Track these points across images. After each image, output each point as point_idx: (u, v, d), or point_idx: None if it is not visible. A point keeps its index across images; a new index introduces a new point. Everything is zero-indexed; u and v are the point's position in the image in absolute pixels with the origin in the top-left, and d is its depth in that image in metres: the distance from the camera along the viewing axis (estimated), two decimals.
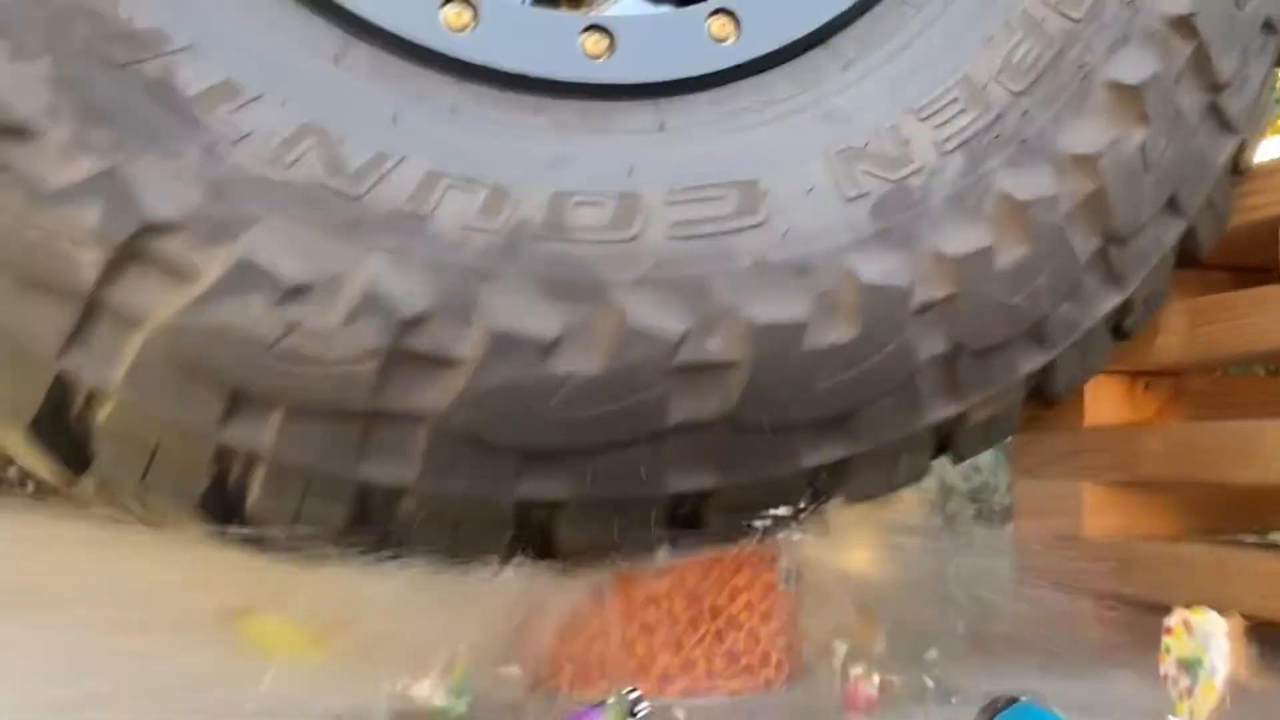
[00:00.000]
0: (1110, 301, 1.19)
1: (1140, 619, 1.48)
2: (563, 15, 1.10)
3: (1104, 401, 1.52)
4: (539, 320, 0.97)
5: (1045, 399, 1.23)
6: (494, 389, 0.96)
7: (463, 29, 1.05)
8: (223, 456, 0.97)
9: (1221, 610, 1.30)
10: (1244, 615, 1.27)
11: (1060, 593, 1.46)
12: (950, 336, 1.08)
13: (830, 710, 1.24)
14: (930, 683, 1.35)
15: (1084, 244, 1.14)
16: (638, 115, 1.07)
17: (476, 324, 0.95)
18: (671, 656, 1.25)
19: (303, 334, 0.93)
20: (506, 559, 1.06)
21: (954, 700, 1.21)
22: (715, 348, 1.00)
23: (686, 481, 1.04)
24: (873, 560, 1.30)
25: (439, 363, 0.95)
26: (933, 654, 1.32)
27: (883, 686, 1.26)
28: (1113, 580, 1.45)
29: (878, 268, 1.04)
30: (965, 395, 1.12)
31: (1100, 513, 1.50)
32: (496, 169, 1.00)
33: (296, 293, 0.93)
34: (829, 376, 1.04)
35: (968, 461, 4.87)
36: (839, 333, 1.03)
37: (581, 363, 0.97)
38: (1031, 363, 1.16)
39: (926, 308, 1.06)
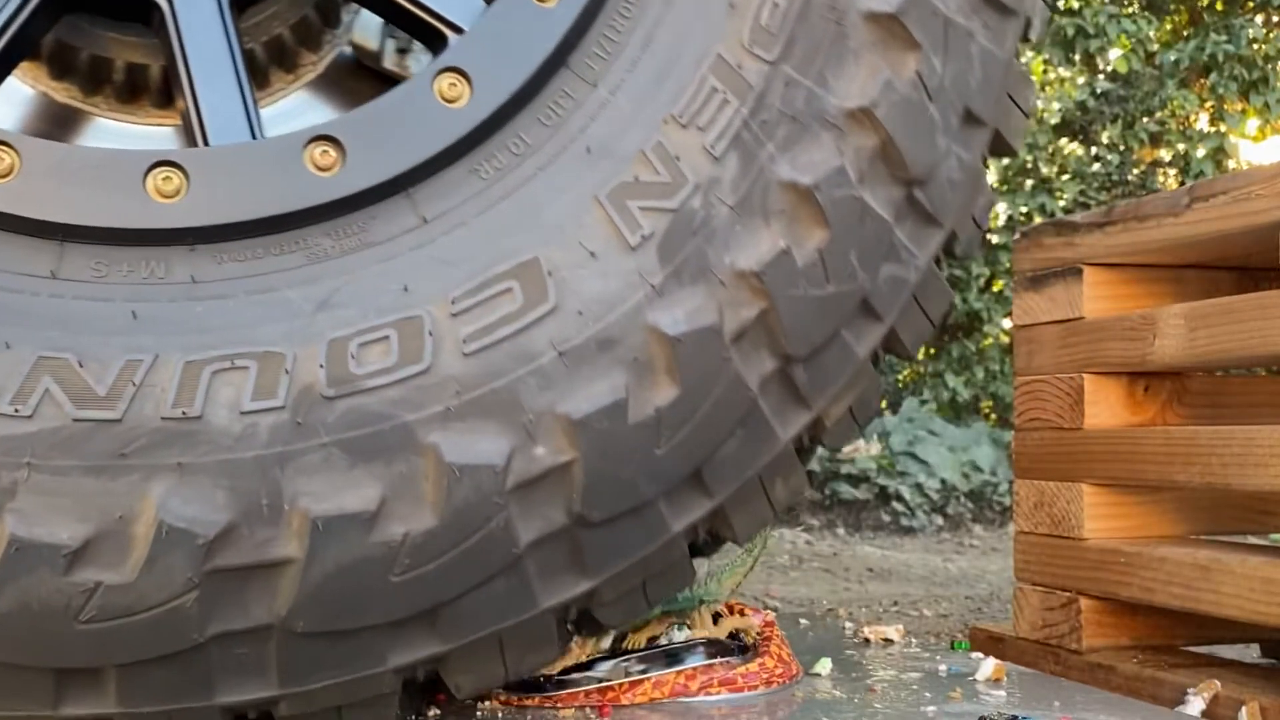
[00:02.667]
0: (934, 242, 1.13)
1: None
2: (281, 139, 1.02)
3: (1104, 404, 1.53)
4: (357, 492, 0.93)
5: (900, 357, 1.20)
6: (331, 576, 0.93)
7: (175, 194, 0.97)
8: None
9: (1220, 614, 1.31)
10: (1241, 619, 1.28)
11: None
12: (777, 351, 1.04)
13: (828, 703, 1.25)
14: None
15: (886, 200, 1.08)
16: (395, 216, 1.01)
17: (291, 517, 0.92)
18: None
19: (106, 594, 0.89)
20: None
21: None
22: (544, 455, 0.97)
23: (564, 591, 1.02)
24: None
25: (264, 568, 0.92)
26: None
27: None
28: (1112, 581, 1.45)
29: (681, 312, 1.00)
30: (814, 400, 1.09)
31: (1100, 514, 1.51)
32: (260, 333, 0.95)
33: (83, 553, 0.89)
34: (669, 439, 1.01)
35: (968, 462, 4.87)
36: (662, 394, 1.00)
37: (413, 520, 0.94)
38: (871, 339, 1.11)
39: (743, 332, 1.02)
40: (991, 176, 7.41)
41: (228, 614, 0.92)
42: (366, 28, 1.15)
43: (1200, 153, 7.10)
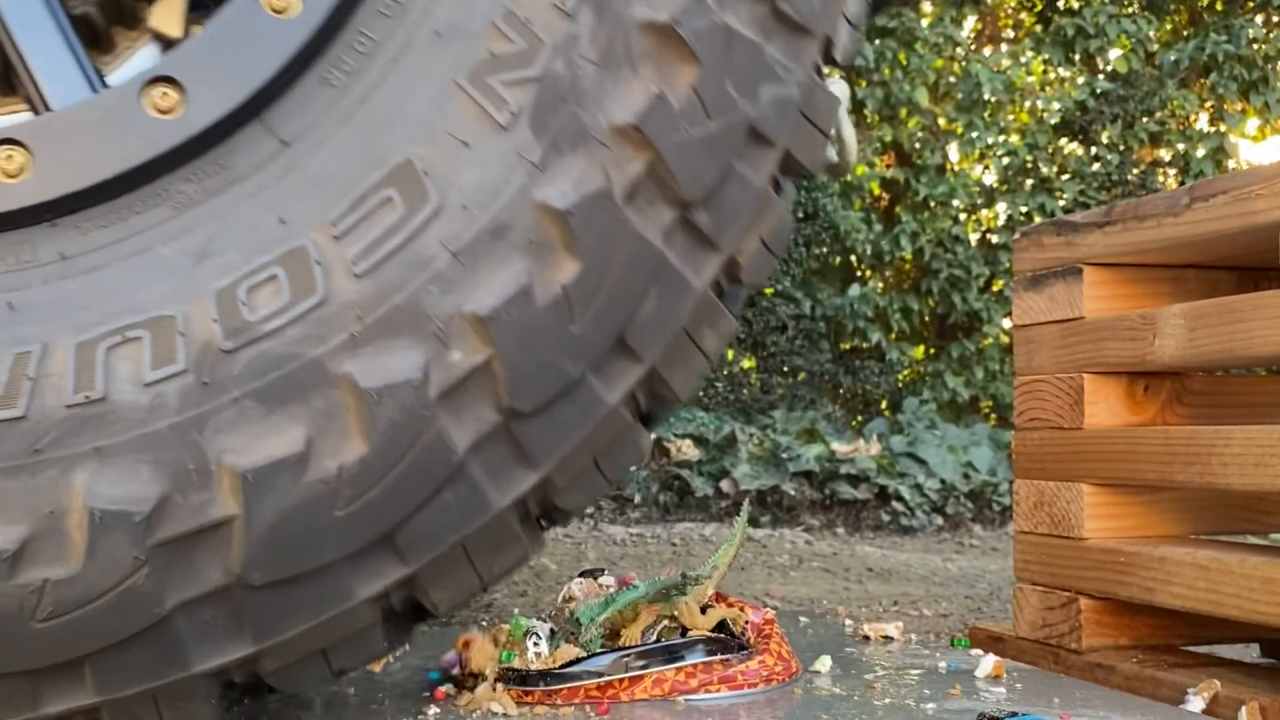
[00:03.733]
0: (809, 52, 1.08)
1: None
2: (116, 91, 0.99)
3: (1104, 403, 1.53)
4: (280, 437, 0.92)
5: (801, 176, 1.16)
6: (276, 524, 0.92)
7: (20, 172, 0.95)
8: None
9: (1220, 614, 1.31)
10: (1241, 619, 1.28)
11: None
12: (673, 200, 1.01)
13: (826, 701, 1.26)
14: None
15: (750, 19, 1.03)
16: (253, 145, 0.98)
17: (221, 476, 0.91)
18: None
19: (56, 589, 0.89)
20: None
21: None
22: (460, 359, 0.95)
23: (515, 486, 1.01)
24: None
25: (207, 531, 0.91)
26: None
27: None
28: (1112, 581, 1.46)
29: (567, 183, 0.97)
30: (722, 241, 1.05)
31: (1100, 514, 1.51)
32: (144, 299, 0.93)
33: (22, 554, 0.88)
34: (583, 313, 0.98)
35: (967, 462, 4.88)
36: (565, 271, 0.97)
37: (344, 452, 0.93)
38: (767, 166, 1.07)
39: (634, 189, 0.99)
40: (991, 177, 7.42)
41: (183, 583, 0.92)
42: (168, 14, 1.11)
43: (1200, 153, 7.12)
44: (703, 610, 1.40)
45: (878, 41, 7.00)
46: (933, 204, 7.10)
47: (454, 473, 0.97)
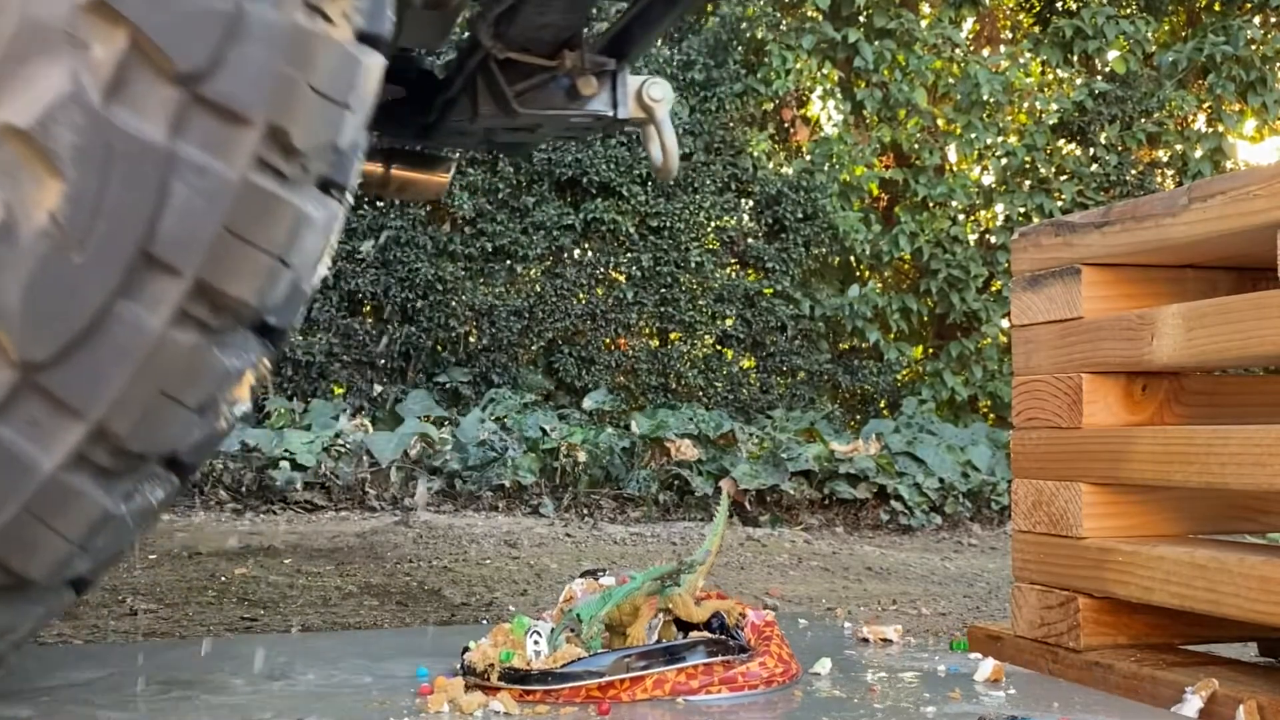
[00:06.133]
0: None
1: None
2: None
3: (1102, 403, 1.53)
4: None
5: None
6: (24, 299, 0.89)
7: None
8: None
9: (1218, 613, 1.31)
10: (1239, 618, 1.28)
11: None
12: None
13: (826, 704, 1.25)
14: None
15: None
16: None
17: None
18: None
19: None
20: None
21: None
22: (102, 50, 0.88)
23: (241, 150, 0.93)
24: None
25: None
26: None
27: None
28: (1110, 580, 1.46)
29: None
30: None
31: (1098, 513, 1.51)
32: None
33: None
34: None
35: (966, 461, 4.88)
36: None
37: (47, 199, 0.88)
38: None
39: None
40: (989, 177, 7.42)
41: (52, 426, 0.90)
42: None
43: (1198, 153, 7.13)
44: (697, 603, 1.40)
45: (877, 43, 6.99)
46: (931, 204, 7.10)
47: (167, 162, 0.90)
